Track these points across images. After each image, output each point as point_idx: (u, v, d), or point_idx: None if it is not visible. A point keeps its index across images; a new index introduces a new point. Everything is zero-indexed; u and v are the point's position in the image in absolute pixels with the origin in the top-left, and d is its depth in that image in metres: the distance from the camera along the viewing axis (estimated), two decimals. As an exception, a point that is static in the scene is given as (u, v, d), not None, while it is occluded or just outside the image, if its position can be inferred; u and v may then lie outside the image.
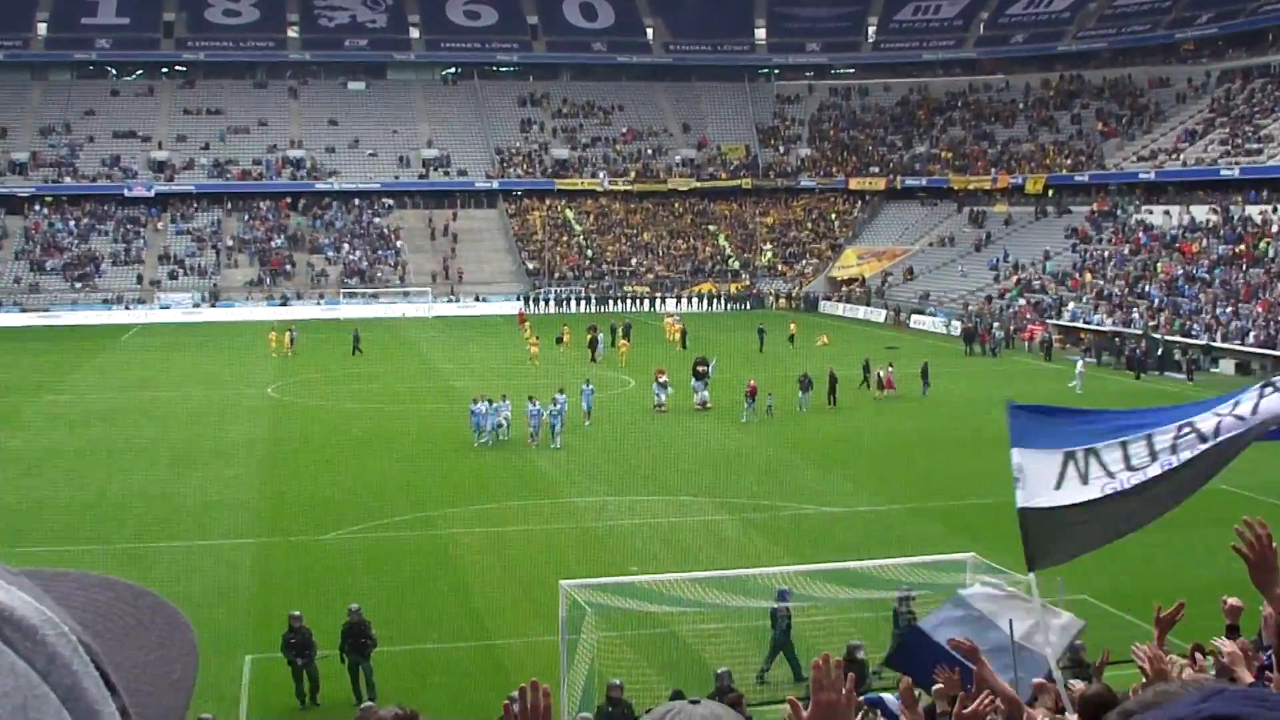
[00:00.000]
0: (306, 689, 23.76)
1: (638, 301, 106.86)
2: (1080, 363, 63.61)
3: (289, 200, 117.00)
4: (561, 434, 45.73)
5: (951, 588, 23.52)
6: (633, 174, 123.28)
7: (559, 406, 46.11)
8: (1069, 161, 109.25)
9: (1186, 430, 7.45)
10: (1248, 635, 8.75)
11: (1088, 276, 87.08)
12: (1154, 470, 7.44)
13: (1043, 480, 7.79)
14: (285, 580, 30.59)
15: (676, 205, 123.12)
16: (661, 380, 53.39)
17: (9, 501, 38.91)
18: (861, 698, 13.16)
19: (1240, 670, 6.46)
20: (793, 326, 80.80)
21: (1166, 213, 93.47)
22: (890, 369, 58.30)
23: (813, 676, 3.66)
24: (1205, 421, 7.41)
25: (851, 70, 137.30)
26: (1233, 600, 8.42)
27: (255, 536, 34.54)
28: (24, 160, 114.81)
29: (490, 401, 46.48)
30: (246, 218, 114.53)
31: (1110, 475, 7.64)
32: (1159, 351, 69.71)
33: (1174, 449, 7.43)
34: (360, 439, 48.28)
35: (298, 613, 24.42)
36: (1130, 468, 7.64)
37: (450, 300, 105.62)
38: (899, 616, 24.23)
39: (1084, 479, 7.74)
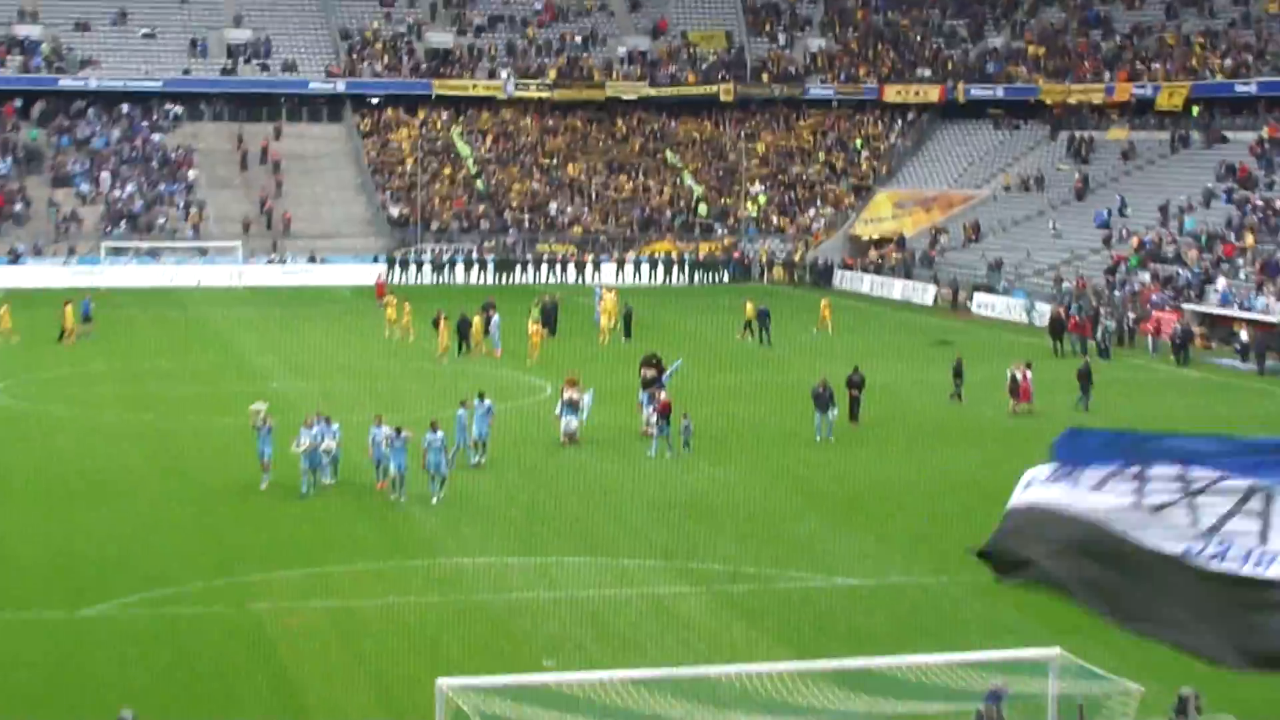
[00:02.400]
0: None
1: (558, 268, 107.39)
2: None
3: (18, 104, 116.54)
4: (443, 485, 44.80)
5: (1031, 696, 24.07)
6: (552, 74, 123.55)
7: (437, 439, 44.39)
8: (1227, 61, 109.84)
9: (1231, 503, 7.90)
10: None
11: (1249, 239, 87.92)
12: (1170, 544, 7.91)
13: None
14: (16, 675, 30.87)
15: (619, 124, 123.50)
16: (569, 397, 52.77)
17: None
18: None
19: None
20: (749, 307, 78.43)
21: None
22: (1027, 369, 59.31)
23: None
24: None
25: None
26: None
27: (-28, 612, 34.72)
28: None
29: (315, 423, 45.16)
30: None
31: (1137, 488, 8.16)
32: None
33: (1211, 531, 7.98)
34: (134, 469, 48.46)
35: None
36: (1150, 504, 8.17)
37: (272, 261, 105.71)
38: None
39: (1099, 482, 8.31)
